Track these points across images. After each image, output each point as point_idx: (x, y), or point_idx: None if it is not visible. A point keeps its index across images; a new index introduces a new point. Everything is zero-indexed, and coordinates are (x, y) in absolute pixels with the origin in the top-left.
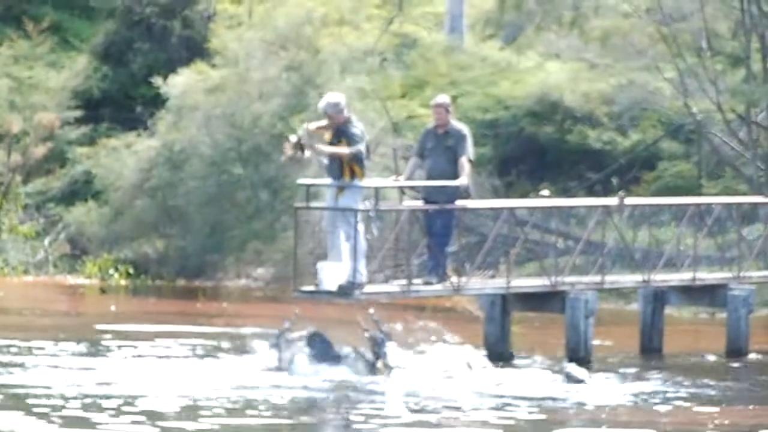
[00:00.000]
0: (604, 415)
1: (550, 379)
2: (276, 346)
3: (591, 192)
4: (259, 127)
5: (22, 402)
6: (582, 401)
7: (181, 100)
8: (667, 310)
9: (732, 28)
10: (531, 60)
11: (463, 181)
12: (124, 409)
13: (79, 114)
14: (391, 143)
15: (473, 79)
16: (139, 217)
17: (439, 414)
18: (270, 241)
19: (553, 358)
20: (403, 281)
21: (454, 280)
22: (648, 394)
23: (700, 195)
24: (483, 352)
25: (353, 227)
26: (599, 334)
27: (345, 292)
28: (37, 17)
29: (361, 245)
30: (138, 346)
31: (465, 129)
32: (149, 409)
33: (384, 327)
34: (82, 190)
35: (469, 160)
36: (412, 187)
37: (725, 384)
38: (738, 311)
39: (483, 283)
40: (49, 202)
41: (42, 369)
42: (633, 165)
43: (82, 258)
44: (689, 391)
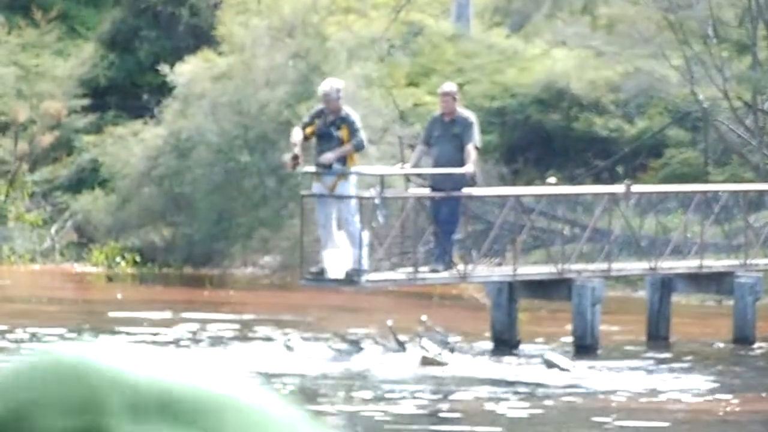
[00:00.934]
0: (614, 404)
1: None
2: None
3: (598, 179)
4: (266, 114)
5: None
6: (591, 389)
7: (187, 88)
8: (674, 298)
9: (738, 15)
10: (537, 48)
11: (469, 168)
12: None
13: (85, 102)
14: (397, 131)
15: (480, 66)
16: (145, 205)
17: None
18: (277, 229)
19: (561, 346)
20: (410, 269)
21: (461, 267)
22: (657, 382)
23: (707, 182)
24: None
25: (353, 214)
26: (606, 321)
27: (352, 280)
28: (45, 6)
29: (363, 232)
30: (144, 333)
31: (472, 116)
32: None
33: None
34: (88, 179)
35: (476, 148)
36: (419, 175)
37: (733, 371)
38: (745, 299)
39: (490, 271)
40: (55, 191)
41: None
42: (639, 152)
43: (89, 246)
44: (698, 378)
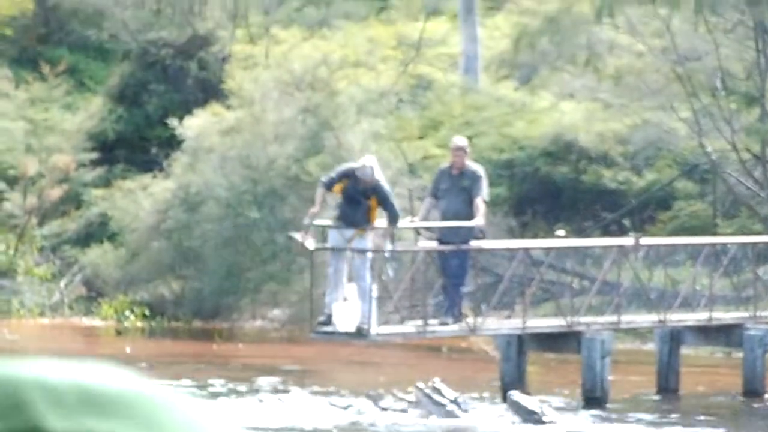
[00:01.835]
0: None
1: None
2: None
3: (606, 232)
4: (275, 169)
5: None
6: None
7: (196, 142)
8: (684, 350)
9: (746, 67)
10: (545, 100)
11: (478, 221)
12: None
13: (94, 156)
14: (407, 184)
15: (488, 119)
16: (155, 258)
17: None
18: (285, 283)
19: (570, 399)
20: (419, 322)
21: (470, 320)
22: None
23: (716, 235)
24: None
25: (368, 269)
26: (616, 374)
27: (361, 333)
28: (53, 60)
29: (373, 288)
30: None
31: (480, 170)
32: None
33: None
34: (97, 232)
35: (484, 201)
36: (428, 228)
37: (744, 424)
38: (754, 351)
39: (499, 324)
40: (64, 244)
41: None
42: (648, 205)
43: (98, 300)
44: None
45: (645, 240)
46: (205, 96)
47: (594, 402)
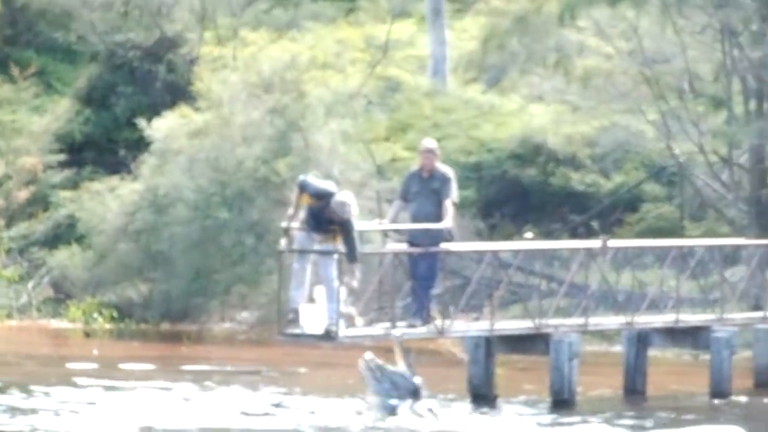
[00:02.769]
0: None
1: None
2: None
3: (574, 234)
4: (243, 170)
5: None
6: None
7: (164, 144)
8: (651, 352)
9: (714, 70)
10: (514, 103)
11: (447, 223)
12: None
13: (62, 158)
14: (375, 186)
15: (456, 122)
16: (122, 260)
17: None
18: (254, 285)
19: (538, 401)
20: (387, 324)
21: (439, 322)
22: None
23: (683, 237)
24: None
25: (335, 271)
26: (583, 375)
27: (330, 336)
28: (21, 61)
29: (340, 289)
30: (118, 389)
31: (450, 172)
32: None
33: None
34: (65, 234)
35: (454, 203)
36: (396, 230)
37: (709, 425)
38: (721, 353)
39: (467, 326)
40: (32, 246)
41: (24, 413)
42: (616, 207)
43: (66, 302)
44: None
45: (612, 242)
46: (173, 98)
47: (562, 404)
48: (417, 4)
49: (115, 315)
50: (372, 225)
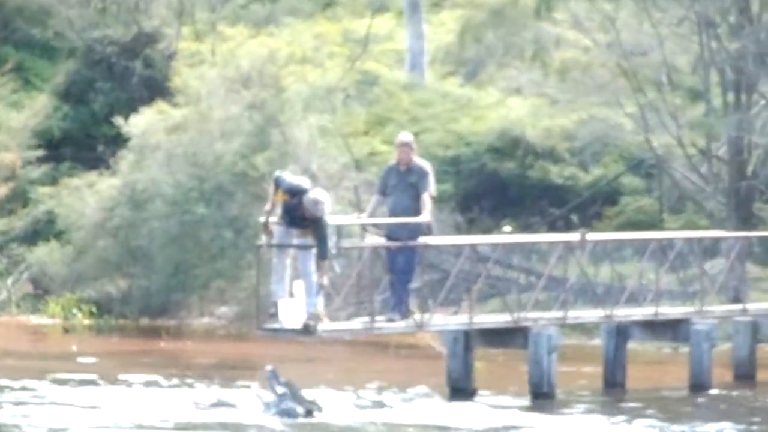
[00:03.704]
0: None
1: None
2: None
3: (553, 228)
4: (222, 166)
5: None
6: None
7: (142, 140)
8: (630, 345)
9: (691, 62)
10: (492, 96)
11: (425, 217)
12: None
13: (40, 153)
14: (353, 179)
15: (434, 115)
16: (101, 256)
17: None
18: (233, 280)
19: (517, 394)
20: (366, 318)
21: (417, 316)
22: (613, 429)
23: (662, 230)
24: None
25: (313, 265)
26: (563, 369)
27: (309, 330)
28: None
29: (317, 282)
30: (97, 384)
31: (427, 166)
32: None
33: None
34: (44, 230)
35: (432, 197)
36: (375, 224)
37: (689, 418)
38: (700, 346)
39: (446, 320)
40: (11, 242)
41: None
42: (595, 200)
43: (45, 298)
44: (654, 426)
45: (591, 235)
46: (151, 94)
47: (541, 397)
48: None
49: (94, 311)
50: (350, 219)
